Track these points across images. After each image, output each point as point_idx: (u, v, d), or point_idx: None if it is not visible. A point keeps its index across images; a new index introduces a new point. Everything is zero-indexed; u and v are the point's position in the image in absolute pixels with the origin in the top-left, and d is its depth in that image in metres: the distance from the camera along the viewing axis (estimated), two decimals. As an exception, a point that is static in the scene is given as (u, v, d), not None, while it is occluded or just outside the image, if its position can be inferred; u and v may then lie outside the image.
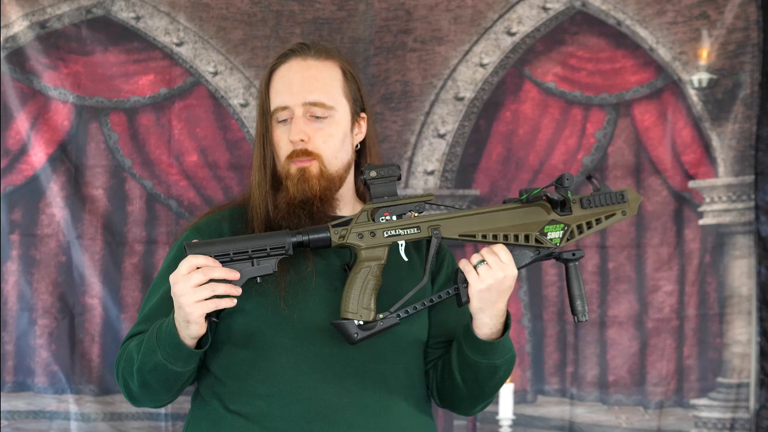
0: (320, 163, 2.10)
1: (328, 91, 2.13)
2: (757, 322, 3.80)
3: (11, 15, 3.73)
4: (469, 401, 2.17)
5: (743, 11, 3.79)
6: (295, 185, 2.09)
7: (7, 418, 3.73)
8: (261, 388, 2.02)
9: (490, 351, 2.04)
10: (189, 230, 2.16)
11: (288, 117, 2.11)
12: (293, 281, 2.05)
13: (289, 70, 2.14)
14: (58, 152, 3.76)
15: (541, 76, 3.87)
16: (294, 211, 2.08)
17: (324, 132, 2.11)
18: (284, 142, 2.12)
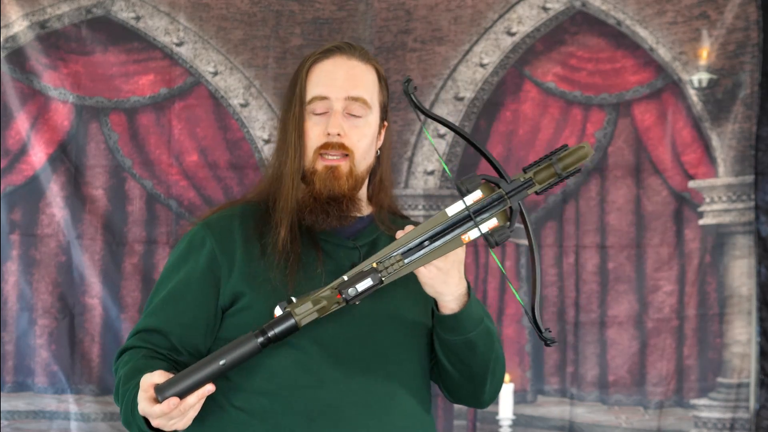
0: (351, 162, 2.10)
1: (369, 91, 2.14)
2: (757, 322, 3.80)
3: (11, 15, 3.73)
4: (468, 388, 2.16)
5: (743, 11, 3.79)
6: (323, 181, 2.09)
7: (7, 418, 3.73)
8: (264, 385, 2.02)
9: (458, 325, 2.03)
10: (200, 225, 2.15)
11: (324, 109, 2.11)
12: (302, 281, 2.05)
13: (334, 64, 2.14)
14: (58, 152, 3.76)
15: (541, 76, 3.87)
16: (322, 207, 2.08)
17: (359, 131, 2.12)
18: (316, 134, 2.10)
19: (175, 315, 2.08)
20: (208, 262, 2.09)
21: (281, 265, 2.06)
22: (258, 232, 2.11)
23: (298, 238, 2.09)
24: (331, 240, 2.12)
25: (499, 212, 1.92)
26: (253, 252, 2.09)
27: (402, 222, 2.23)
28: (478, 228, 1.89)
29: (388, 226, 2.18)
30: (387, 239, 2.16)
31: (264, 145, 3.83)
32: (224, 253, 2.09)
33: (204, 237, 2.12)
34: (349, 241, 2.13)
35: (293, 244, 2.08)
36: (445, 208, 1.93)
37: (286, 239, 2.08)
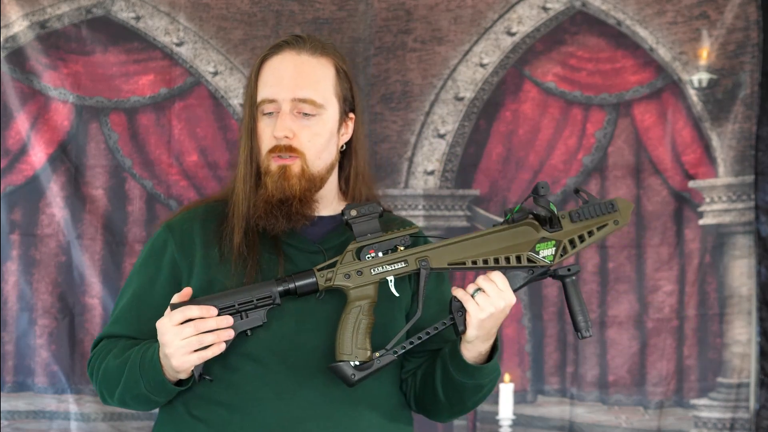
0: (303, 162, 2.02)
1: (319, 88, 2.05)
2: (757, 322, 3.80)
3: (11, 15, 3.73)
4: (449, 413, 2.11)
5: (743, 11, 3.79)
6: (274, 183, 2.02)
7: (7, 418, 3.73)
8: (224, 397, 1.97)
9: (479, 373, 1.99)
10: (162, 227, 2.10)
11: (274, 110, 2.04)
12: None
13: (281, 62, 2.06)
14: (58, 152, 3.76)
15: (541, 76, 3.87)
16: (271, 210, 2.01)
17: (310, 131, 2.03)
18: (267, 136, 2.04)
19: (139, 321, 2.03)
20: (170, 266, 2.04)
21: (238, 272, 2.00)
22: (219, 234, 2.05)
23: (256, 243, 2.03)
24: (294, 244, 2.05)
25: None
26: (212, 256, 2.03)
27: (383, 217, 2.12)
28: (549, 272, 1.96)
29: None
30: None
31: (264, 145, 3.83)
32: (184, 258, 2.04)
33: (165, 240, 2.07)
34: (314, 244, 2.06)
35: (250, 250, 2.02)
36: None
37: (242, 245, 2.02)
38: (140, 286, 2.06)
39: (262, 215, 2.02)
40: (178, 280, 2.03)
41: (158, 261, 2.05)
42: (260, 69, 2.07)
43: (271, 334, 1.96)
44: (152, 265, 2.06)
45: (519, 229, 1.94)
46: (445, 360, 2.00)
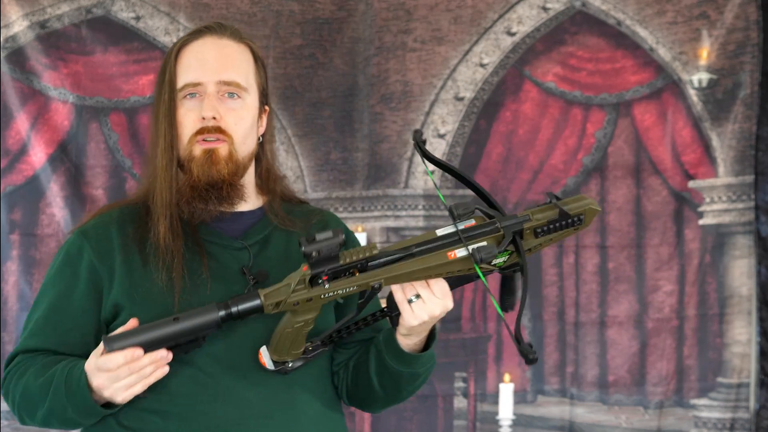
0: (230, 145, 1.97)
1: (242, 72, 2.01)
2: (757, 322, 3.80)
3: (11, 15, 3.73)
4: (384, 403, 2.08)
5: (743, 11, 3.79)
6: (200, 167, 1.95)
7: (7, 418, 3.73)
8: (156, 404, 1.89)
9: (416, 362, 1.94)
10: (75, 234, 2.01)
11: (199, 93, 1.98)
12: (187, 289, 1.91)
13: (203, 46, 2.01)
14: (58, 152, 3.76)
15: (541, 76, 3.88)
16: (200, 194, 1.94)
17: (236, 113, 1.99)
18: (191, 120, 1.97)
19: (57, 333, 1.95)
20: (88, 273, 1.95)
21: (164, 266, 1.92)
22: (137, 237, 1.97)
23: (179, 236, 1.95)
24: (216, 241, 1.99)
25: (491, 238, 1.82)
26: (133, 260, 1.95)
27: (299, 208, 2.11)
28: (466, 246, 1.79)
29: (282, 217, 2.04)
30: (282, 234, 2.03)
31: (264, 145, 3.83)
32: (103, 263, 1.95)
33: (81, 247, 1.98)
34: (237, 240, 2.00)
35: (175, 242, 1.94)
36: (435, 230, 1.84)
37: (167, 236, 1.94)
38: (57, 296, 1.96)
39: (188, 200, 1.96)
40: (98, 287, 1.95)
41: (75, 268, 1.97)
42: (179, 55, 2.01)
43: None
44: (68, 273, 1.97)
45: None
46: (380, 349, 1.96)
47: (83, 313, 1.93)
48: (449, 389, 3.86)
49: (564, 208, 1.84)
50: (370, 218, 3.88)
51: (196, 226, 1.98)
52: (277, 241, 2.02)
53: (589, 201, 1.86)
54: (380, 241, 3.88)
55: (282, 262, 1.99)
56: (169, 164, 1.97)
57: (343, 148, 3.87)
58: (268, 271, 1.96)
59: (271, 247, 2.01)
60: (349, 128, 3.86)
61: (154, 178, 1.99)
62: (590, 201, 1.86)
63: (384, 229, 3.89)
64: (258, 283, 1.94)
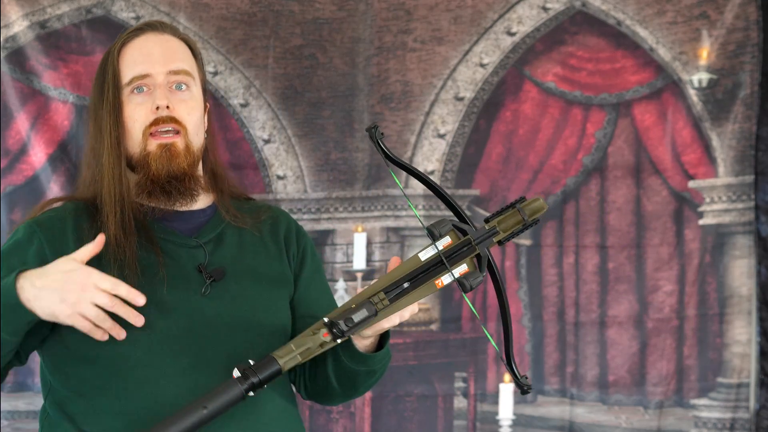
0: (185, 137, 1.94)
1: (189, 64, 2.02)
2: (757, 322, 3.80)
3: (11, 15, 3.73)
4: (341, 398, 2.06)
5: (743, 11, 3.79)
6: (158, 161, 1.92)
7: (7, 418, 3.73)
8: (116, 406, 1.85)
9: (371, 360, 1.94)
10: (27, 224, 1.94)
11: (147, 86, 1.96)
12: (143, 290, 1.82)
13: (146, 41, 1.99)
14: (58, 152, 3.76)
15: (541, 76, 3.87)
16: (162, 188, 1.92)
17: (187, 104, 1.97)
18: (142, 113, 1.94)
19: None
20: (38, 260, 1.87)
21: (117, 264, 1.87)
22: (92, 233, 1.89)
23: (132, 233, 1.90)
24: (171, 239, 1.95)
25: (468, 259, 1.87)
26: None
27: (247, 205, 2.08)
28: (451, 273, 1.84)
29: (233, 214, 2.01)
30: (234, 231, 2.00)
31: (264, 145, 3.83)
32: (55, 255, 1.84)
33: (32, 235, 1.92)
34: (192, 239, 1.96)
35: (127, 239, 1.89)
36: (418, 253, 1.87)
37: (118, 234, 1.89)
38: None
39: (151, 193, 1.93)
40: None
41: (23, 255, 1.89)
42: (121, 52, 1.99)
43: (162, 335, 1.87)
44: (15, 259, 1.88)
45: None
46: (336, 349, 1.93)
47: None
48: (449, 389, 3.86)
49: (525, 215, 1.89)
50: (370, 218, 3.88)
51: (150, 224, 1.94)
52: (230, 239, 2.00)
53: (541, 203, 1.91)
54: (380, 241, 3.88)
55: (236, 259, 1.97)
56: (117, 162, 1.93)
57: (343, 148, 3.86)
58: (224, 268, 1.95)
59: (225, 244, 1.98)
60: (349, 128, 3.86)
61: (101, 177, 1.94)
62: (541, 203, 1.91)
63: (384, 229, 3.89)
64: (215, 280, 1.92)
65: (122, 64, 1.98)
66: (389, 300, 1.84)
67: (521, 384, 1.83)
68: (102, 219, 1.92)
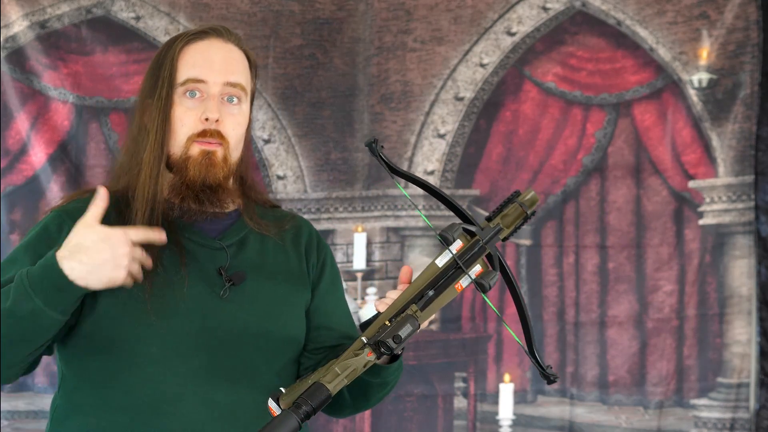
0: (225, 150, 1.94)
1: (245, 78, 1.99)
2: (757, 322, 3.80)
3: (11, 15, 3.73)
4: (352, 410, 2.06)
5: (743, 11, 3.79)
6: (197, 167, 1.92)
7: (7, 418, 3.73)
8: (123, 400, 1.85)
9: (385, 372, 1.94)
10: (56, 212, 1.95)
11: (200, 92, 1.95)
12: (162, 286, 1.87)
13: (209, 46, 1.97)
14: (58, 152, 3.76)
15: (541, 76, 3.87)
16: (196, 195, 1.92)
17: (234, 119, 1.96)
18: (191, 119, 1.93)
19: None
20: None
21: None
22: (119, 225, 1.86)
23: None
24: (194, 239, 1.95)
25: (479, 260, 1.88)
26: None
27: (272, 212, 2.08)
28: (469, 276, 1.85)
29: (256, 221, 2.01)
30: (256, 237, 2.00)
31: (264, 145, 3.83)
32: None
33: (61, 224, 1.91)
34: (215, 240, 1.96)
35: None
36: (434, 260, 1.87)
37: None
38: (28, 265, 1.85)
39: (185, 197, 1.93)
40: None
41: (51, 243, 1.86)
42: (182, 51, 1.97)
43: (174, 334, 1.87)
44: (43, 246, 1.87)
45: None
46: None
47: None
48: (449, 389, 3.86)
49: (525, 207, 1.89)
50: (370, 218, 3.88)
51: (176, 223, 1.94)
52: (253, 244, 2.00)
53: (534, 194, 1.91)
54: (380, 241, 3.88)
55: (257, 264, 1.98)
56: (157, 160, 1.93)
57: (343, 148, 3.86)
58: (245, 272, 1.94)
59: (247, 249, 1.99)
60: (349, 128, 3.86)
61: (137, 172, 1.94)
62: (534, 194, 1.91)
63: (384, 229, 3.89)
64: (234, 284, 1.92)
65: (180, 63, 1.96)
66: (420, 309, 1.84)
67: (547, 374, 1.82)
68: (131, 212, 1.92)
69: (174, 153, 1.95)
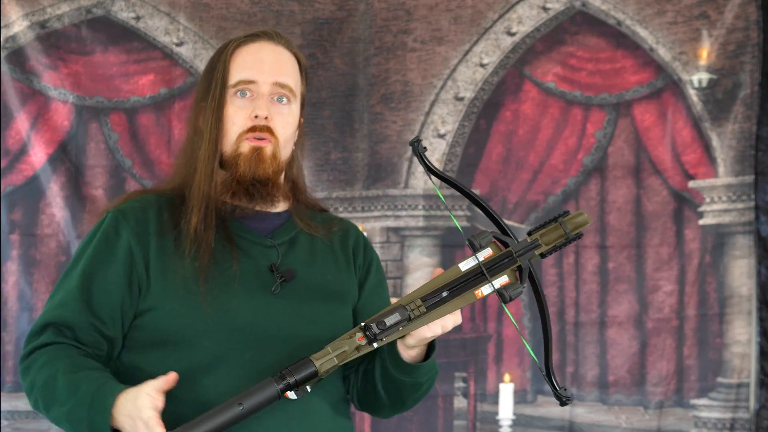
0: (275, 147, 2.03)
1: (294, 80, 2.09)
2: (757, 322, 3.80)
3: (11, 15, 3.73)
4: (390, 410, 2.12)
5: (743, 11, 3.79)
6: (247, 163, 2.00)
7: (7, 418, 3.73)
8: (177, 392, 1.88)
9: (416, 372, 1.99)
10: (112, 213, 2.02)
11: (251, 92, 2.04)
12: (214, 276, 1.96)
13: (260, 48, 2.07)
14: (58, 152, 3.76)
15: (541, 76, 3.88)
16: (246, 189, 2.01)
17: (284, 118, 2.05)
18: (242, 118, 2.02)
19: (90, 306, 1.96)
20: (126, 252, 1.98)
21: (192, 254, 1.96)
22: (172, 223, 2.01)
23: (212, 228, 1.99)
24: (246, 236, 2.03)
25: (509, 270, 1.91)
26: (166, 245, 1.99)
27: (321, 216, 2.15)
28: (491, 283, 1.88)
29: (306, 222, 2.09)
30: (306, 238, 2.07)
31: (264, 145, 3.83)
32: (140, 244, 1.98)
33: (118, 226, 2.00)
34: (266, 238, 2.04)
35: (206, 232, 1.98)
36: (458, 264, 1.90)
37: (199, 226, 1.98)
38: (91, 272, 1.98)
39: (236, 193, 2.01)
40: (132, 268, 1.97)
41: (112, 246, 1.98)
42: (234, 54, 2.06)
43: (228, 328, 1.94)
44: (104, 250, 1.98)
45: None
46: (384, 358, 2.00)
47: (115, 291, 1.96)
48: (449, 389, 3.87)
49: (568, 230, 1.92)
50: (370, 218, 3.88)
51: (229, 221, 2.02)
52: (303, 244, 2.07)
53: (585, 218, 1.94)
54: (380, 241, 3.88)
55: (307, 263, 2.05)
56: (212, 158, 2.02)
57: (343, 148, 3.87)
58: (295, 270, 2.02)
59: (297, 248, 2.06)
60: (349, 128, 3.86)
61: (193, 170, 2.03)
62: (586, 217, 1.94)
63: (384, 229, 3.89)
64: (285, 281, 2.00)
65: (232, 66, 2.05)
66: (426, 307, 1.87)
67: (560, 396, 1.86)
68: (186, 210, 2.01)
69: (226, 151, 2.03)
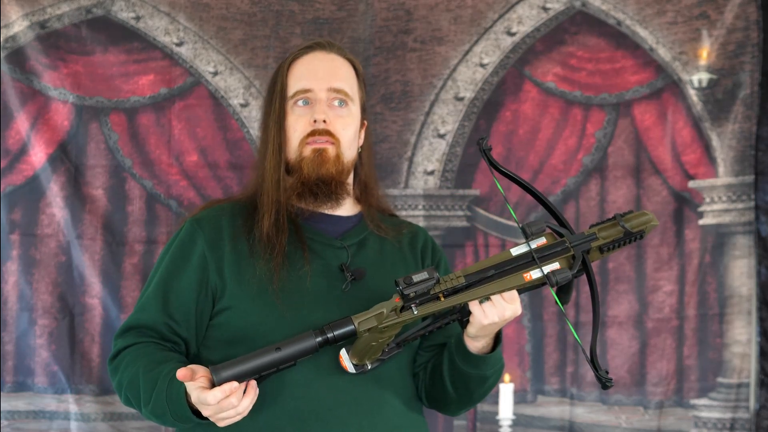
0: (337, 148, 2.14)
1: (349, 84, 2.19)
2: (757, 322, 3.80)
3: (11, 15, 3.73)
4: (458, 405, 2.21)
5: (743, 11, 3.79)
6: (310, 165, 2.13)
7: (7, 418, 3.73)
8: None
9: (482, 364, 2.08)
10: (189, 222, 2.16)
11: (310, 100, 2.16)
12: (288, 278, 2.07)
13: (313, 59, 2.20)
14: (58, 152, 3.76)
15: (541, 76, 3.88)
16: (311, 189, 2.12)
17: (343, 120, 2.16)
18: (302, 124, 2.14)
19: (165, 307, 2.09)
20: (200, 260, 2.11)
21: (266, 256, 2.08)
22: (246, 229, 2.14)
23: (284, 231, 2.11)
24: (318, 239, 2.14)
25: (562, 259, 1.96)
26: (241, 249, 2.11)
27: (390, 220, 2.26)
28: (540, 268, 1.93)
29: (377, 225, 2.21)
30: (376, 239, 2.18)
31: (264, 145, 3.83)
32: (213, 251, 2.11)
33: (194, 235, 2.13)
34: (337, 240, 2.15)
35: (279, 235, 2.10)
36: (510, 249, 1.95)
37: (271, 230, 2.10)
38: (167, 277, 2.11)
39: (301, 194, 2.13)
40: (205, 273, 2.10)
41: (188, 255, 2.12)
42: (291, 67, 2.20)
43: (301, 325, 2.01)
44: (180, 258, 2.13)
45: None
46: (452, 351, 2.09)
47: (189, 295, 2.08)
48: (449, 389, 3.86)
49: (627, 226, 1.97)
50: (370, 218, 3.88)
51: (300, 224, 2.14)
52: (372, 245, 2.18)
53: (650, 217, 2.00)
54: (380, 241, 3.88)
55: (377, 263, 2.15)
56: (278, 166, 2.14)
57: (343, 148, 3.87)
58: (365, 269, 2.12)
59: (367, 249, 2.16)
60: (349, 128, 3.86)
61: (263, 179, 2.16)
62: (651, 217, 2.01)
63: (384, 229, 3.89)
64: (356, 279, 2.09)
65: (290, 78, 2.19)
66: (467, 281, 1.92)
67: (602, 379, 1.90)
68: (258, 216, 2.14)
69: (291, 157, 2.16)
